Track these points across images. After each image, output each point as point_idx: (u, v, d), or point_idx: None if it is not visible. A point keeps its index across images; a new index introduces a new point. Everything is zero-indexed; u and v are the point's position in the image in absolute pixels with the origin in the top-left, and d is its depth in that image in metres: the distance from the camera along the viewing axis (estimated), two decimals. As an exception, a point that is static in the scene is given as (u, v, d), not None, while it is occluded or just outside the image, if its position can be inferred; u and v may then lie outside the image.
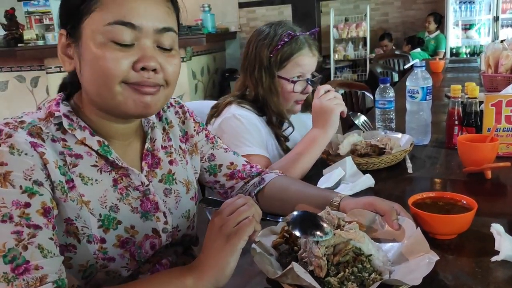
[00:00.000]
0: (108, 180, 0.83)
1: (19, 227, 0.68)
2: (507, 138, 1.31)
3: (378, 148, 1.34)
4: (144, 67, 0.75)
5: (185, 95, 4.13)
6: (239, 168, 1.10)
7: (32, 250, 0.68)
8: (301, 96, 1.46)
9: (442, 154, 1.42)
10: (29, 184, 0.71)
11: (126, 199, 0.85)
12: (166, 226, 0.90)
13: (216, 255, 0.71)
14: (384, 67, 3.99)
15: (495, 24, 5.75)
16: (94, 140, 0.82)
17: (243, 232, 0.71)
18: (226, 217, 0.73)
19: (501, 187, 1.19)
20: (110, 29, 0.74)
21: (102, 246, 0.81)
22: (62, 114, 0.81)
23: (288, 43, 1.39)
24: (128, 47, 0.75)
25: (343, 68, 6.58)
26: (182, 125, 1.03)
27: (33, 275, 0.67)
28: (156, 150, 0.93)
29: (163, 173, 0.93)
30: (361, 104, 2.53)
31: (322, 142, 1.30)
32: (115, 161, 0.83)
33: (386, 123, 1.57)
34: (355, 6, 6.78)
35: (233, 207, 0.74)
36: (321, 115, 1.30)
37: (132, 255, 0.85)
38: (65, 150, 0.80)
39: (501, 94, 1.55)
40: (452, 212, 0.89)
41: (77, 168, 0.80)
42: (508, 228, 0.83)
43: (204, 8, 4.84)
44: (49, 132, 0.79)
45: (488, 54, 2.23)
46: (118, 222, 0.82)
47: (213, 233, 0.73)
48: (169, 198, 0.92)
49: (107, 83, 0.75)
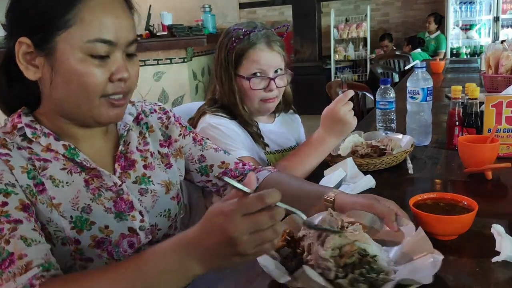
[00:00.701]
0: (79, 181, 0.85)
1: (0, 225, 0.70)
2: (507, 139, 1.32)
3: (379, 149, 1.34)
4: (120, 78, 0.80)
5: (185, 96, 4.14)
6: (231, 167, 1.09)
7: (14, 242, 0.70)
8: (265, 95, 1.39)
9: (442, 155, 1.42)
10: (2, 186, 0.74)
11: (99, 199, 0.86)
12: (143, 224, 0.90)
13: (220, 260, 0.64)
14: (384, 67, 3.99)
15: (496, 25, 5.76)
16: (60, 145, 0.84)
17: (257, 255, 0.65)
18: (246, 235, 0.60)
19: (502, 188, 1.19)
20: (89, 46, 0.76)
21: (77, 247, 0.82)
22: (24, 124, 0.83)
23: (243, 39, 1.35)
24: (104, 60, 0.79)
25: (344, 69, 6.59)
26: (165, 130, 1.05)
27: (18, 265, 0.68)
28: (130, 152, 0.94)
29: (137, 175, 0.93)
30: (361, 105, 2.54)
31: (331, 146, 1.29)
32: (83, 162, 0.85)
33: (387, 124, 1.57)
34: (356, 7, 6.79)
35: (257, 225, 0.60)
36: (336, 124, 1.25)
37: (110, 254, 0.85)
38: (32, 155, 0.82)
39: (502, 95, 1.55)
40: (452, 213, 0.89)
41: (47, 171, 0.82)
42: (508, 229, 0.83)
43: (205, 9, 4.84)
44: (14, 142, 0.81)
45: (489, 55, 2.23)
46: (91, 223, 0.83)
47: (223, 237, 0.61)
48: (145, 197, 0.93)
49: (89, 97, 0.79)
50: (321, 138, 1.27)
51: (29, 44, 0.77)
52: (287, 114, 1.60)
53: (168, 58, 4.06)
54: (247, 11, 7.11)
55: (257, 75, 1.36)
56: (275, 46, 1.38)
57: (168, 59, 4.06)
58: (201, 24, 4.56)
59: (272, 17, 6.93)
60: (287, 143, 1.52)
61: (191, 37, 4.03)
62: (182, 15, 6.16)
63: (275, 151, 1.47)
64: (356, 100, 2.56)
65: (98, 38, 0.76)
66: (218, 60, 1.40)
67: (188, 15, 6.28)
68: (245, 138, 1.38)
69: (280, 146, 1.49)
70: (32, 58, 0.79)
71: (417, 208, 0.90)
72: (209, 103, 1.44)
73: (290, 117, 1.62)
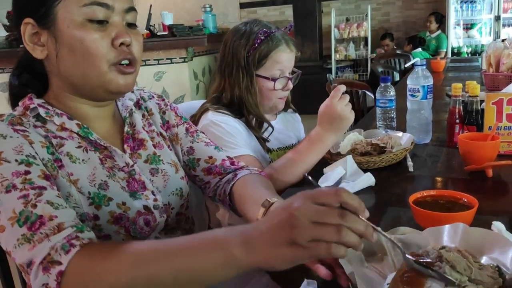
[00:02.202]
0: (95, 158, 0.86)
1: (24, 191, 0.70)
2: (508, 137, 1.31)
3: (379, 146, 1.34)
4: (122, 42, 0.81)
5: (186, 95, 4.13)
6: (217, 163, 1.06)
7: (42, 206, 0.69)
8: (283, 93, 1.43)
9: (443, 153, 1.42)
10: (23, 157, 0.74)
11: (114, 177, 0.86)
12: (157, 202, 0.91)
13: (270, 247, 0.57)
14: (385, 66, 3.99)
15: (497, 24, 5.74)
16: (73, 124, 0.85)
17: (308, 253, 0.55)
18: (307, 220, 0.55)
19: (502, 185, 1.18)
20: (85, 10, 0.78)
21: (95, 223, 0.82)
22: (37, 105, 0.84)
23: (265, 41, 1.36)
24: (103, 25, 0.80)
25: (344, 68, 6.58)
26: (163, 115, 1.06)
27: (49, 226, 0.67)
28: (137, 133, 0.96)
29: (149, 153, 0.95)
30: (362, 103, 2.54)
31: (329, 143, 1.28)
32: (97, 141, 0.86)
33: (387, 122, 1.56)
34: (356, 6, 6.78)
35: (322, 217, 0.55)
36: (337, 120, 1.23)
37: (127, 231, 0.85)
38: (48, 133, 0.83)
39: (502, 92, 1.55)
40: (453, 210, 0.88)
41: (63, 148, 0.83)
42: (509, 226, 0.83)
43: (206, 9, 4.83)
44: (29, 122, 0.82)
45: (489, 53, 2.23)
46: (109, 199, 0.84)
47: (284, 215, 0.56)
48: (156, 177, 0.94)
49: (95, 63, 0.80)
50: (320, 136, 1.25)
51: (33, 24, 0.80)
52: (288, 113, 1.61)
53: (169, 58, 4.05)
54: (247, 11, 7.10)
55: (277, 75, 1.39)
56: (292, 46, 1.41)
57: (168, 59, 4.06)
58: (202, 24, 4.55)
59: (272, 17, 6.92)
60: (289, 140, 1.53)
61: (191, 37, 4.03)
62: (182, 15, 6.16)
63: (277, 149, 1.48)
64: (357, 99, 2.56)
65: (94, 1, 0.78)
66: (232, 59, 1.39)
67: (188, 15, 6.28)
68: (247, 136, 1.39)
69: (282, 144, 1.49)
70: (37, 37, 0.81)
71: (417, 205, 0.89)
72: (213, 100, 1.44)
73: (291, 116, 1.63)
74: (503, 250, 0.69)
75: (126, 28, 0.83)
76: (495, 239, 0.71)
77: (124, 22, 0.83)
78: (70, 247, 0.65)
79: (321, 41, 6.52)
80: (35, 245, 0.66)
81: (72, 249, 0.65)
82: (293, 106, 1.62)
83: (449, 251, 0.64)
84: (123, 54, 0.82)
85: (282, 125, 1.55)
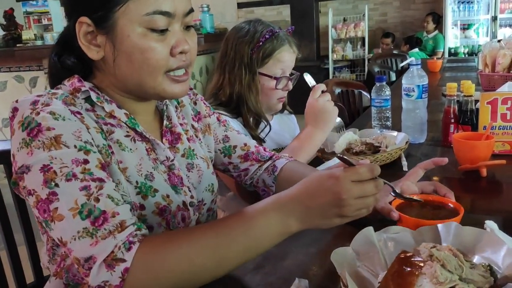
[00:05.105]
0: (142, 148, 0.85)
1: (85, 182, 0.69)
2: (502, 136, 1.31)
3: (373, 146, 1.34)
4: (182, 51, 0.79)
5: (183, 95, 4.13)
6: (252, 150, 1.10)
7: (104, 200, 0.69)
8: (282, 93, 1.45)
9: (437, 152, 1.42)
10: (82, 143, 0.73)
11: (157, 169, 0.86)
12: (193, 200, 0.91)
13: (321, 220, 0.70)
14: (381, 66, 3.99)
15: (494, 24, 5.76)
16: (122, 113, 0.84)
17: (354, 218, 0.71)
18: (353, 199, 0.68)
19: (496, 185, 1.18)
20: (147, 18, 0.75)
21: (142, 213, 0.82)
22: (89, 88, 0.82)
23: (270, 39, 1.38)
24: (164, 34, 0.77)
25: (342, 68, 6.59)
26: (194, 105, 1.06)
27: (112, 223, 0.67)
28: (174, 126, 0.95)
29: (185, 147, 0.95)
30: (358, 103, 2.54)
31: (319, 140, 1.31)
32: (142, 133, 0.85)
33: (382, 122, 1.57)
34: (354, 6, 6.78)
35: (365, 192, 0.69)
36: (320, 115, 1.30)
37: (167, 224, 0.85)
38: (99, 119, 0.81)
39: (497, 92, 1.55)
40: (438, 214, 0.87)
41: (113, 135, 0.82)
42: (502, 225, 0.83)
43: (203, 9, 4.83)
44: (81, 104, 0.80)
45: (485, 53, 2.23)
46: (155, 190, 0.83)
47: (333, 199, 0.68)
48: (191, 173, 0.94)
49: (152, 74, 0.79)
50: (308, 133, 1.30)
51: (89, 24, 0.77)
52: (284, 114, 1.62)
53: (166, 57, 4.04)
54: (245, 11, 7.10)
55: (279, 74, 1.41)
56: (295, 47, 1.44)
57: (166, 59, 4.05)
58: (199, 24, 4.55)
59: (270, 17, 6.92)
60: (284, 141, 1.53)
61: (188, 36, 4.02)
62: None
63: (272, 150, 1.47)
64: (353, 99, 2.56)
65: (156, 10, 0.75)
66: (235, 55, 1.40)
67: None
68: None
69: (277, 145, 1.50)
70: (93, 37, 0.79)
71: (400, 210, 0.88)
72: (210, 98, 1.45)
73: (287, 117, 1.64)
74: (495, 249, 0.69)
75: (184, 33, 0.81)
76: (488, 238, 0.71)
77: (183, 26, 0.81)
78: (130, 244, 0.66)
79: (318, 41, 6.53)
80: (98, 241, 0.66)
81: (133, 246, 0.66)
82: (289, 108, 1.63)
83: (440, 249, 0.64)
84: (180, 63, 0.81)
85: (278, 126, 1.55)
